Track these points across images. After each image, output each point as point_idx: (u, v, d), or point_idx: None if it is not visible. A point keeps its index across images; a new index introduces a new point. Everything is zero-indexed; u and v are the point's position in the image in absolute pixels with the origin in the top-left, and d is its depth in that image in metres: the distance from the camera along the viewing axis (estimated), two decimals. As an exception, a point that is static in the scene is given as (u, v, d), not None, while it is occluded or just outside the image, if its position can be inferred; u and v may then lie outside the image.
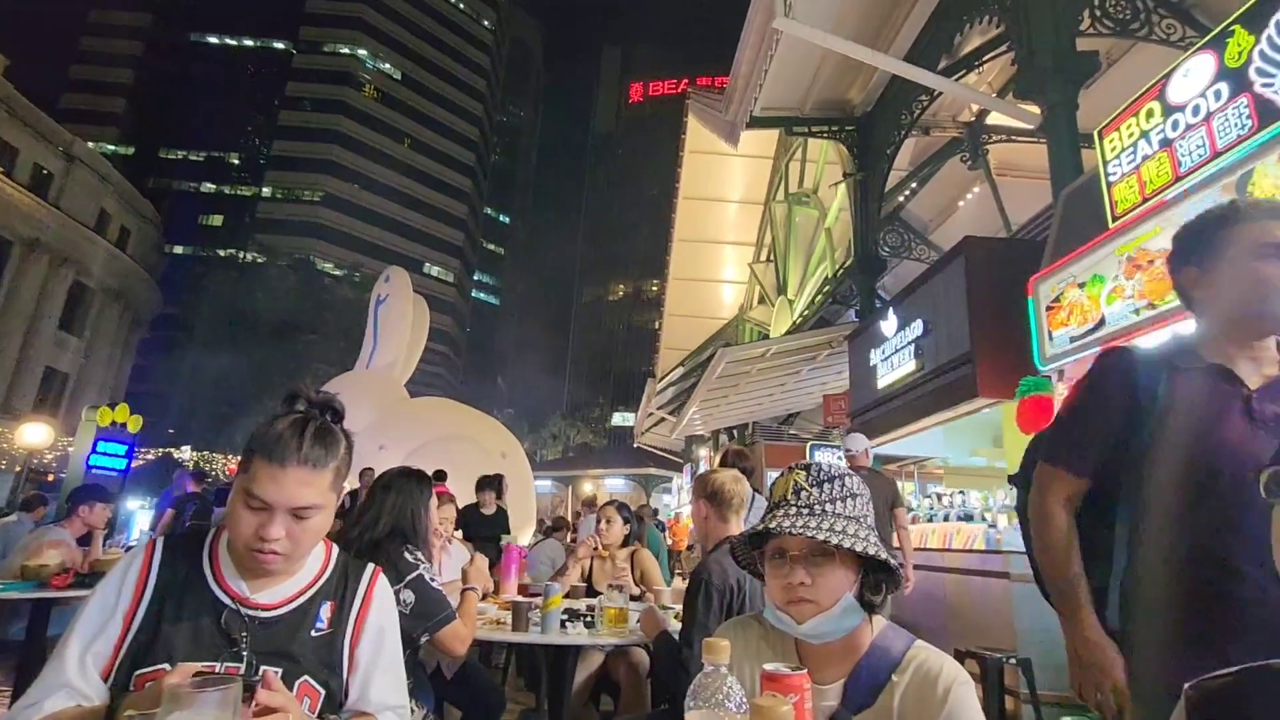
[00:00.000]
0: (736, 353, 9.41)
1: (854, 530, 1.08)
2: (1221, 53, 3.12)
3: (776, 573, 1.10)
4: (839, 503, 1.11)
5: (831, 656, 1.11)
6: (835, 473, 1.15)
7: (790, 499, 1.12)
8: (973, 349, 4.99)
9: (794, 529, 1.05)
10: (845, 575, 1.08)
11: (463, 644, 2.02)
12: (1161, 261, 3.30)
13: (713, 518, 2.18)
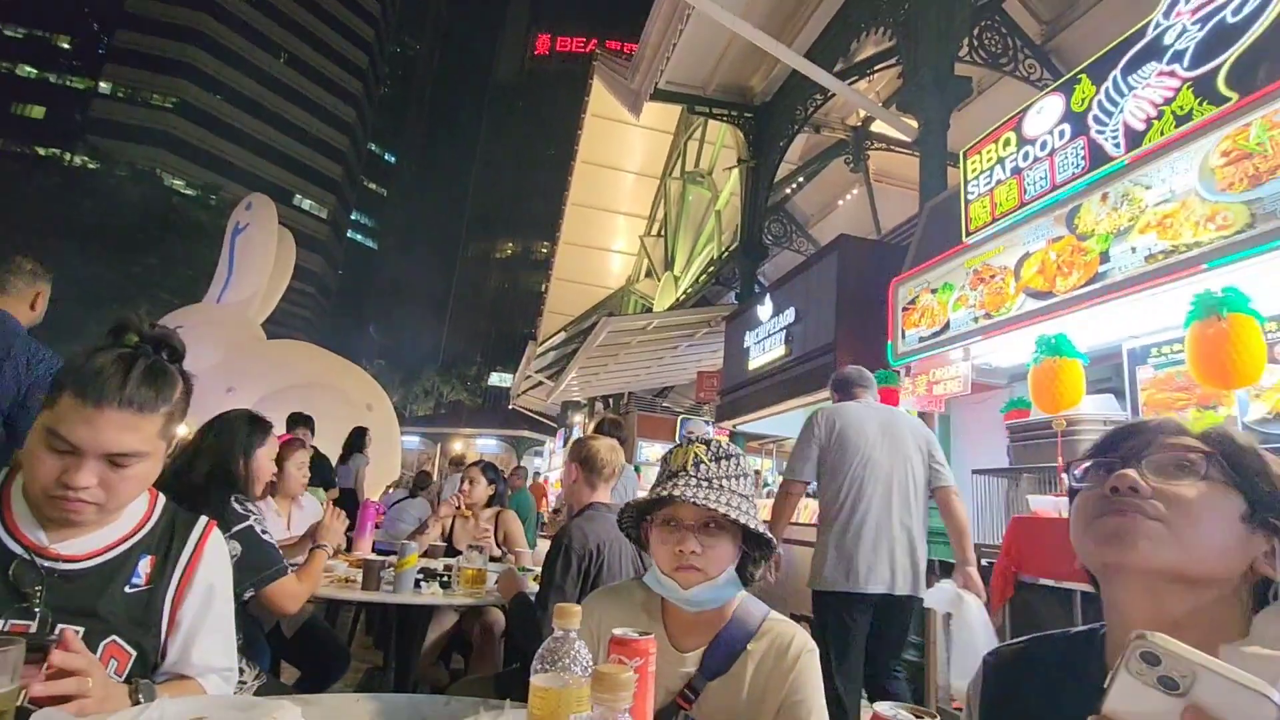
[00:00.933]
0: (619, 323, 9.50)
1: (745, 507, 1.13)
2: (1069, 96, 3.50)
3: (667, 539, 1.13)
4: (733, 480, 1.15)
5: (696, 625, 1.17)
6: (732, 451, 1.20)
7: (689, 470, 1.15)
8: (836, 340, 5.36)
9: (696, 499, 1.08)
10: (730, 549, 1.13)
11: (294, 601, 1.89)
12: (1001, 277, 3.69)
13: (581, 482, 2.21)
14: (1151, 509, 0.65)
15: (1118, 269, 3.01)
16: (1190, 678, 0.42)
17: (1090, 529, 0.70)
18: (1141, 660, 0.44)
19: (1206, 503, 0.65)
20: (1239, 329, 2.46)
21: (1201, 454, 0.67)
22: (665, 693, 1.12)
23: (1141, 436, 0.72)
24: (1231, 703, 0.40)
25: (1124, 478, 0.67)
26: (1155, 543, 0.64)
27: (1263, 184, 2.47)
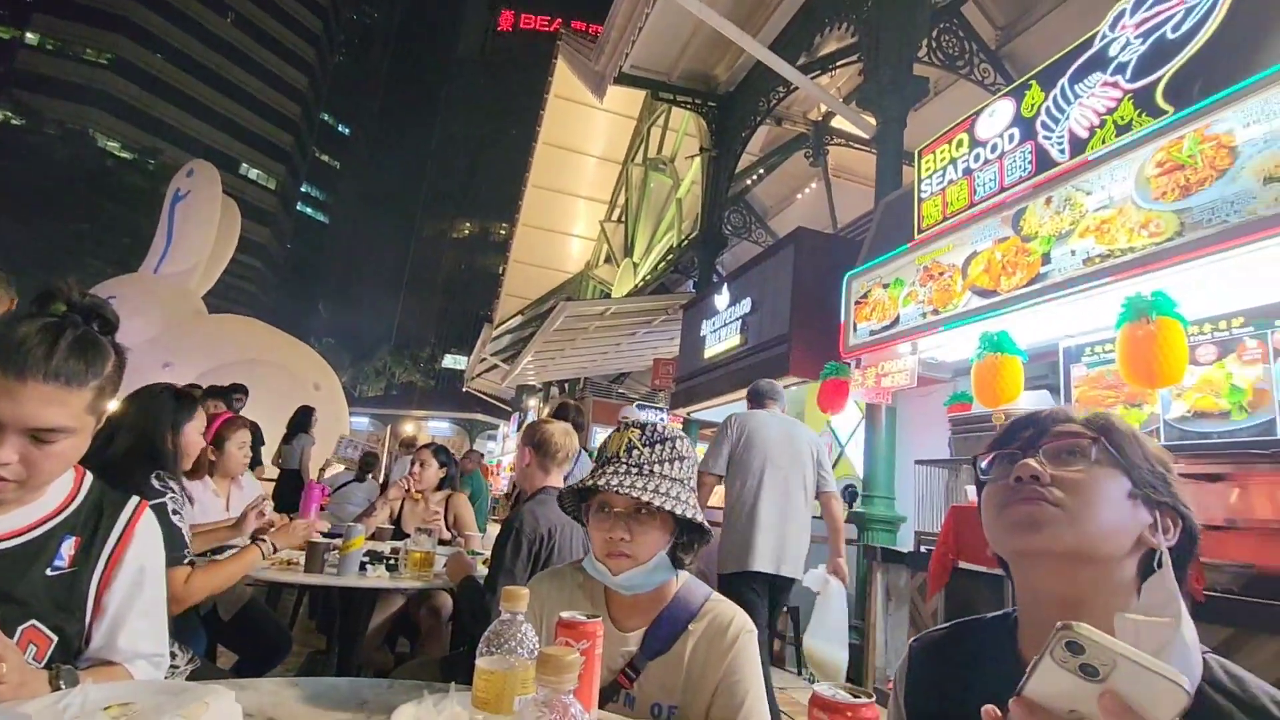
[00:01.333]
0: (578, 308, 9.45)
1: (676, 492, 1.14)
2: (1020, 102, 3.61)
3: (600, 526, 1.15)
4: (666, 464, 1.17)
5: (638, 606, 1.19)
6: (667, 434, 1.21)
7: (622, 456, 1.17)
8: (790, 331, 5.45)
9: (620, 488, 1.10)
10: (661, 534, 1.15)
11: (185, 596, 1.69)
12: (950, 275, 3.81)
13: (535, 465, 2.20)
14: (1051, 495, 0.70)
15: (1058, 270, 3.13)
16: (1110, 665, 0.44)
17: (1000, 517, 0.74)
18: (1066, 649, 0.46)
19: (1096, 485, 0.70)
20: (1165, 332, 2.60)
21: (1088, 439, 0.72)
22: (608, 671, 1.14)
23: (1035, 427, 0.77)
24: (1146, 688, 0.43)
25: (1026, 467, 0.72)
26: (1058, 527, 0.69)
27: (1192, 195, 2.61)
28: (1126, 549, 0.70)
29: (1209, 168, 2.57)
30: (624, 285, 12.41)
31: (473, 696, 0.80)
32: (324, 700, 1.03)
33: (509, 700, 0.76)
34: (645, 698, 1.14)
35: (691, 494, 1.19)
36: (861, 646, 3.99)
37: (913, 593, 3.69)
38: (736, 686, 1.11)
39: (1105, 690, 0.45)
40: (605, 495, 1.15)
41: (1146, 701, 0.43)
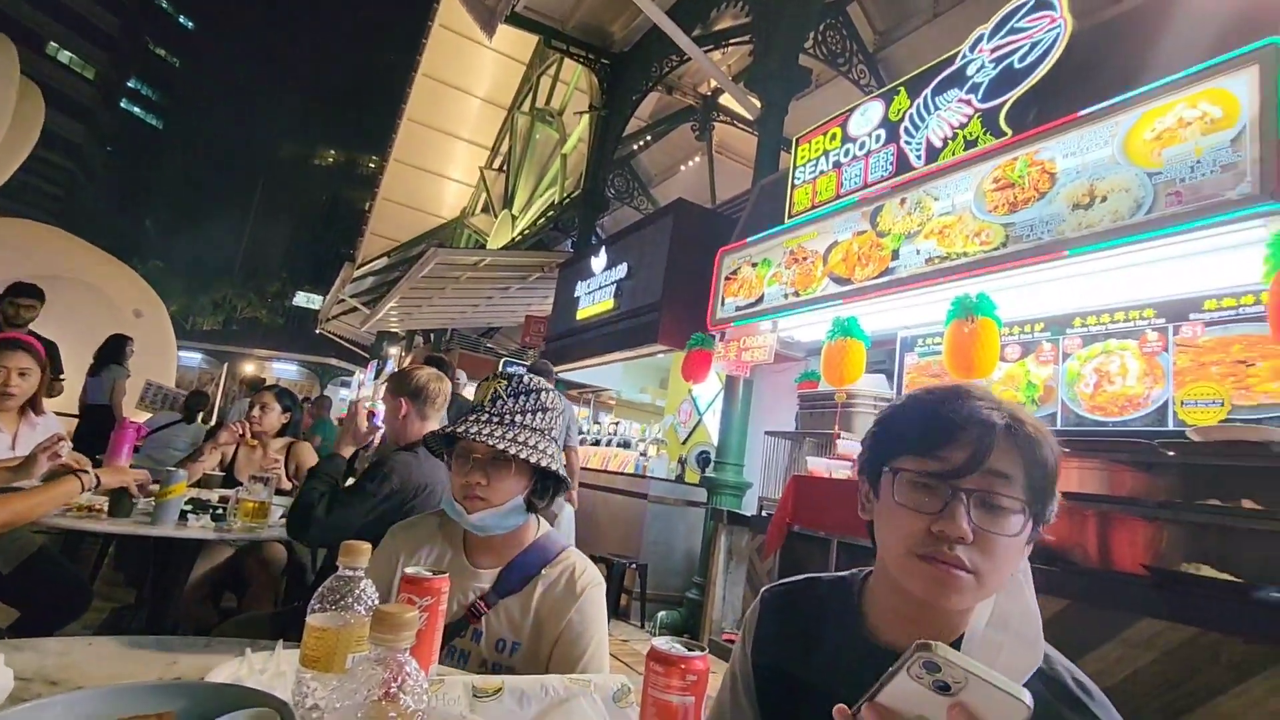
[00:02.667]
0: (450, 255, 9.03)
1: (534, 442, 1.20)
2: (888, 105, 3.87)
3: (460, 470, 1.21)
4: (529, 415, 1.23)
5: (495, 548, 1.25)
6: (533, 387, 1.26)
7: (486, 406, 1.22)
8: (662, 300, 5.57)
9: (478, 436, 1.16)
10: (518, 480, 1.20)
11: None
12: (812, 260, 4.05)
13: (412, 415, 2.09)
14: (970, 563, 0.69)
15: (904, 267, 3.43)
16: (962, 684, 0.49)
17: (906, 562, 0.73)
18: (923, 667, 0.51)
19: (1011, 550, 0.71)
20: (984, 331, 2.95)
21: (1020, 502, 0.71)
22: (459, 606, 1.19)
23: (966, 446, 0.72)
24: (993, 704, 0.48)
25: (955, 528, 0.69)
26: (965, 594, 0.70)
27: (1018, 211, 2.95)
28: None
29: (1033, 189, 2.91)
30: (501, 237, 12.02)
31: (301, 654, 0.76)
32: (124, 660, 0.94)
33: (341, 658, 0.73)
34: (492, 633, 1.18)
35: (552, 444, 1.25)
36: (701, 602, 4.25)
37: (751, 553, 3.98)
38: (581, 636, 1.17)
39: (955, 703, 0.50)
40: (466, 443, 1.20)
41: (992, 715, 0.48)
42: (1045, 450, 0.73)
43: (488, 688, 0.84)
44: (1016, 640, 0.68)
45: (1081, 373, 3.08)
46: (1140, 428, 2.78)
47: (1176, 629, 2.08)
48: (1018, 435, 0.72)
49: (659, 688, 0.68)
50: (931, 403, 0.77)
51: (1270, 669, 1.89)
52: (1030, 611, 0.70)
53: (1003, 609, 0.71)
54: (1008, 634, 0.69)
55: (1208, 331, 2.71)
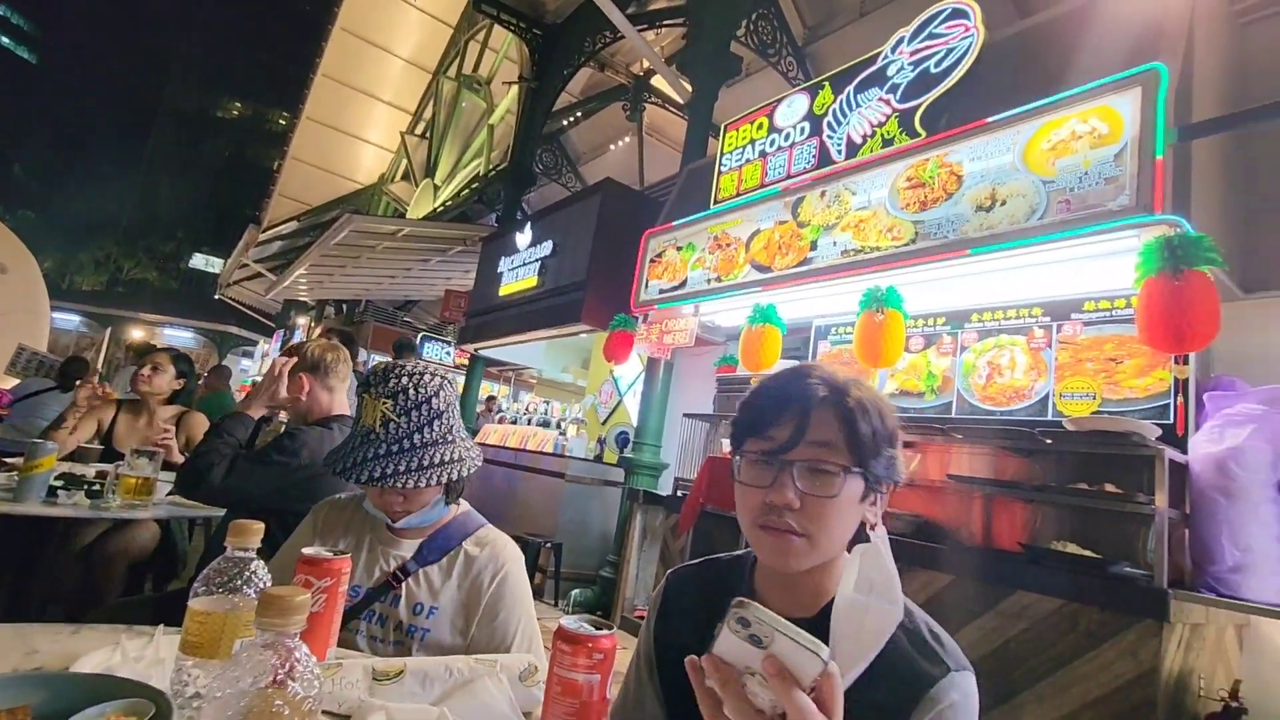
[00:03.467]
0: (366, 223, 8.60)
1: (440, 457, 1.19)
2: (813, 99, 3.97)
3: (373, 492, 1.23)
4: (425, 429, 1.20)
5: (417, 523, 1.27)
6: (422, 398, 1.22)
7: (380, 432, 1.19)
8: (586, 279, 5.53)
9: (384, 481, 1.14)
10: (432, 491, 1.23)
11: None
12: (735, 247, 4.12)
13: (316, 389, 1.97)
14: (799, 526, 0.76)
15: (821, 258, 3.55)
16: (770, 637, 0.56)
17: (751, 530, 0.80)
18: (738, 623, 0.57)
19: (839, 510, 0.77)
20: (892, 322, 3.10)
21: (838, 466, 0.77)
22: (380, 572, 1.23)
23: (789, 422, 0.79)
24: (796, 656, 0.55)
25: (781, 497, 0.76)
26: (801, 556, 0.77)
27: (927, 210, 3.10)
28: (850, 537, 0.82)
29: (941, 189, 3.06)
30: (421, 207, 11.56)
31: (182, 640, 0.71)
32: (-25, 650, 0.85)
33: (227, 645, 0.69)
34: (411, 597, 1.21)
35: (454, 443, 1.24)
36: (615, 580, 4.31)
37: (666, 532, 4.06)
38: (510, 614, 1.19)
39: (768, 655, 0.56)
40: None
41: (796, 665, 0.55)
42: (870, 417, 0.79)
43: (389, 670, 0.82)
44: (880, 601, 0.73)
45: (976, 365, 3.30)
46: (1024, 417, 3.01)
47: (1044, 600, 2.29)
48: (838, 405, 0.79)
49: (565, 666, 0.69)
50: (769, 387, 0.85)
51: (1119, 635, 2.11)
52: (890, 574, 0.75)
53: (866, 574, 0.76)
54: (872, 596, 0.74)
55: (1086, 330, 2.96)
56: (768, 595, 0.84)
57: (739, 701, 0.56)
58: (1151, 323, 2.26)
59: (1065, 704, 2.17)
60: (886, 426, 0.81)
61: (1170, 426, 2.54)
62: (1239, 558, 2.21)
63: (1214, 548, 2.28)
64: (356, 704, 0.78)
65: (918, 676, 0.73)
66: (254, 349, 21.92)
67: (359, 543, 1.28)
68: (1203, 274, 2.21)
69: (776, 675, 0.55)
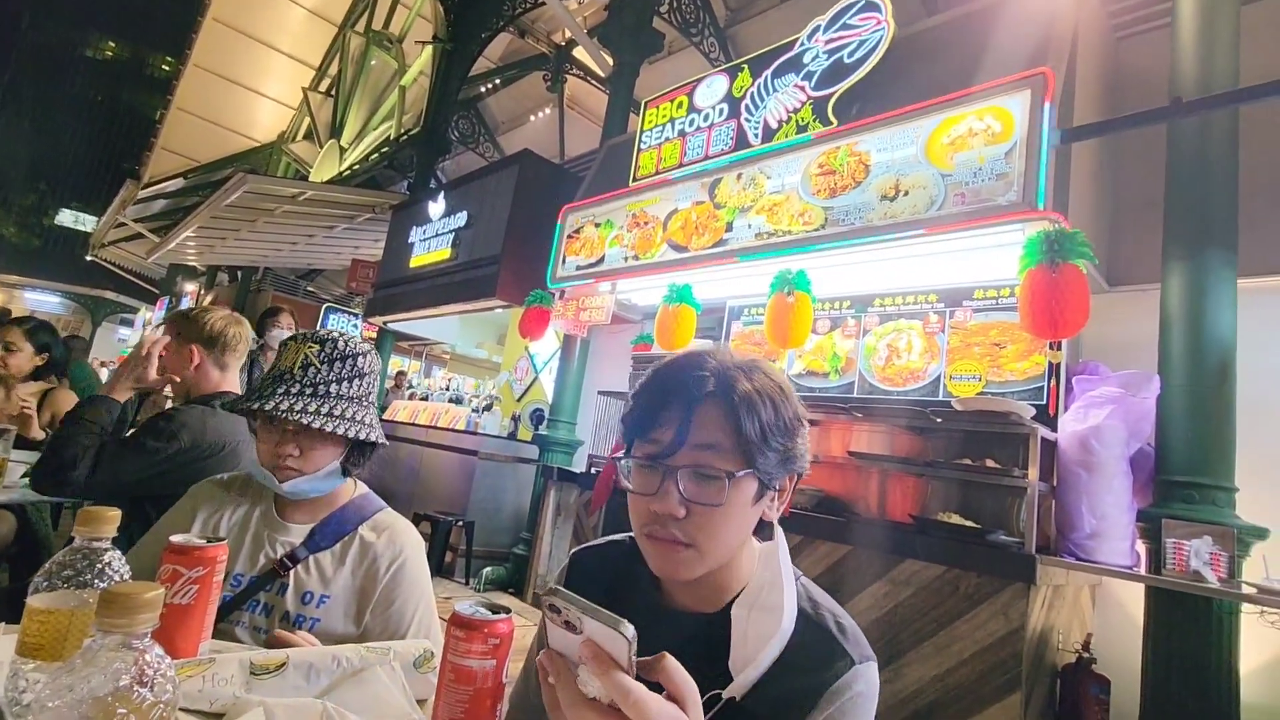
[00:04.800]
0: (263, 184, 8.00)
1: (351, 412, 1.15)
2: (733, 81, 4.00)
3: (267, 438, 1.15)
4: (344, 383, 1.17)
5: (308, 505, 1.21)
6: (349, 351, 1.19)
7: (297, 374, 1.14)
8: (502, 253, 5.39)
9: (290, 414, 1.09)
10: (333, 449, 1.17)
11: None
12: (653, 226, 4.12)
13: (207, 365, 1.81)
14: (685, 535, 0.72)
15: (736, 239, 3.61)
16: (580, 621, 0.54)
17: (641, 541, 0.77)
18: (550, 610, 0.56)
19: (728, 517, 0.73)
20: (800, 304, 3.20)
21: (723, 472, 0.72)
22: (266, 559, 1.17)
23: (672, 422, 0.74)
24: (603, 635, 0.54)
25: (665, 506, 0.72)
26: (689, 565, 0.73)
27: (837, 197, 3.20)
28: (747, 537, 0.79)
29: (850, 177, 3.17)
30: (326, 170, 10.88)
31: (19, 641, 0.64)
32: None
33: (75, 646, 0.62)
34: (300, 585, 1.15)
35: (368, 410, 1.20)
36: (528, 557, 4.29)
37: (579, 509, 4.07)
38: (407, 602, 1.15)
39: (585, 639, 0.55)
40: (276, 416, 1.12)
41: (607, 644, 0.54)
42: (761, 410, 0.74)
43: (269, 664, 0.77)
44: (761, 611, 0.74)
45: (877, 347, 3.46)
46: (919, 397, 3.20)
47: (930, 568, 2.46)
48: (725, 402, 0.73)
49: (459, 653, 0.67)
50: (654, 381, 0.79)
51: (993, 597, 2.30)
52: (777, 582, 0.75)
53: (757, 580, 0.77)
54: (755, 607, 0.74)
55: (975, 317, 3.16)
56: (671, 587, 0.83)
57: (571, 693, 0.55)
58: (1032, 310, 2.44)
59: (945, 661, 2.35)
60: (781, 417, 0.75)
61: (1044, 407, 2.77)
62: (1095, 525, 2.45)
63: (1075, 516, 2.51)
64: (232, 701, 0.73)
65: (823, 669, 0.73)
66: (134, 316, 20.12)
67: (243, 527, 1.20)
68: (1076, 267, 2.40)
69: (593, 658, 0.54)
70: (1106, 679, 2.35)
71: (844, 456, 3.23)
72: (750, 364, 0.79)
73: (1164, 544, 2.23)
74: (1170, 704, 2.26)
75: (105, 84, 46.17)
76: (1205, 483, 2.33)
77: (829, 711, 0.72)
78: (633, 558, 0.90)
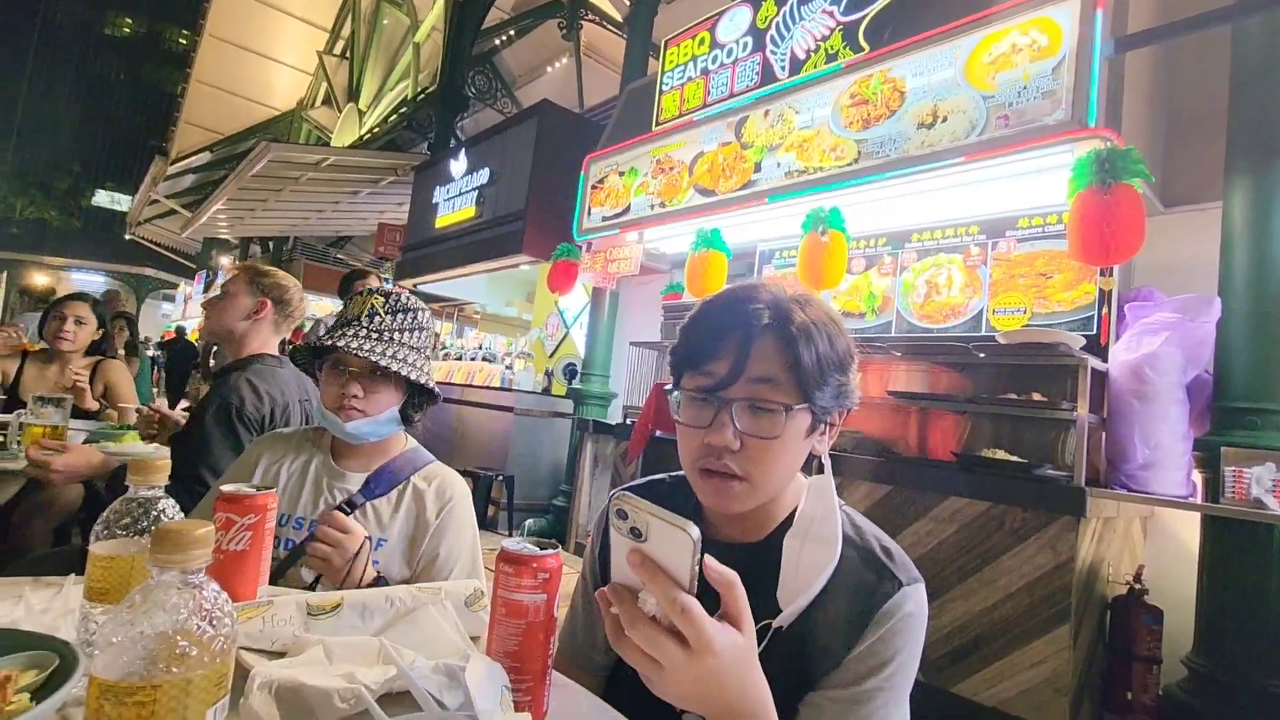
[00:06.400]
0: (286, 152, 8.02)
1: (412, 359, 1.23)
2: (756, 12, 3.81)
3: (333, 381, 1.21)
4: (406, 333, 1.24)
5: (364, 454, 1.27)
6: (411, 305, 1.27)
7: (364, 320, 1.22)
8: (526, 208, 5.33)
9: (359, 351, 1.16)
10: (394, 393, 1.24)
11: None
12: (679, 170, 4.02)
13: (268, 322, 1.86)
14: (739, 468, 0.72)
15: (765, 179, 3.50)
16: (646, 526, 0.54)
17: (693, 476, 0.77)
18: (618, 516, 0.56)
19: (782, 450, 0.73)
20: (834, 243, 3.10)
21: (782, 404, 0.71)
22: (325, 505, 1.22)
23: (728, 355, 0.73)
24: (670, 537, 0.53)
25: (720, 438, 0.71)
26: (742, 499, 0.74)
27: (870, 128, 3.06)
28: (797, 470, 0.79)
29: (884, 106, 3.02)
30: (346, 135, 10.86)
31: (85, 587, 0.66)
32: None
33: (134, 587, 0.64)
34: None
35: (427, 361, 1.28)
36: (567, 508, 4.37)
37: (616, 459, 4.11)
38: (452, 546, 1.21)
39: (633, 548, 0.55)
40: (342, 355, 1.19)
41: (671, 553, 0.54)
42: (818, 342, 0.73)
43: (324, 605, 0.78)
44: (815, 543, 0.73)
45: (915, 284, 3.36)
46: (960, 333, 3.11)
47: (974, 504, 2.42)
48: (782, 334, 0.73)
49: (509, 588, 0.66)
50: (707, 312, 0.78)
51: (1041, 531, 2.26)
52: (829, 515, 0.74)
53: (808, 512, 0.76)
54: (808, 538, 0.74)
55: (1019, 247, 3.03)
56: (714, 520, 0.83)
57: (632, 612, 0.55)
58: (1082, 236, 2.32)
59: (990, 595, 2.34)
60: (836, 350, 0.75)
61: (1094, 337, 2.67)
62: (1149, 455, 2.38)
63: (1127, 447, 2.44)
64: (292, 640, 0.74)
65: (871, 593, 0.73)
66: (174, 292, 20.66)
67: (303, 475, 1.26)
68: (1130, 187, 2.26)
69: (643, 568, 0.54)
70: (1159, 609, 2.31)
71: (883, 397, 3.17)
72: (804, 296, 0.78)
73: (1222, 472, 2.16)
74: (1226, 633, 2.22)
75: (125, 61, 46.33)
76: (1268, 408, 2.23)
77: (880, 633, 0.72)
78: (675, 494, 0.89)
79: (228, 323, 1.81)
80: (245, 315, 1.82)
